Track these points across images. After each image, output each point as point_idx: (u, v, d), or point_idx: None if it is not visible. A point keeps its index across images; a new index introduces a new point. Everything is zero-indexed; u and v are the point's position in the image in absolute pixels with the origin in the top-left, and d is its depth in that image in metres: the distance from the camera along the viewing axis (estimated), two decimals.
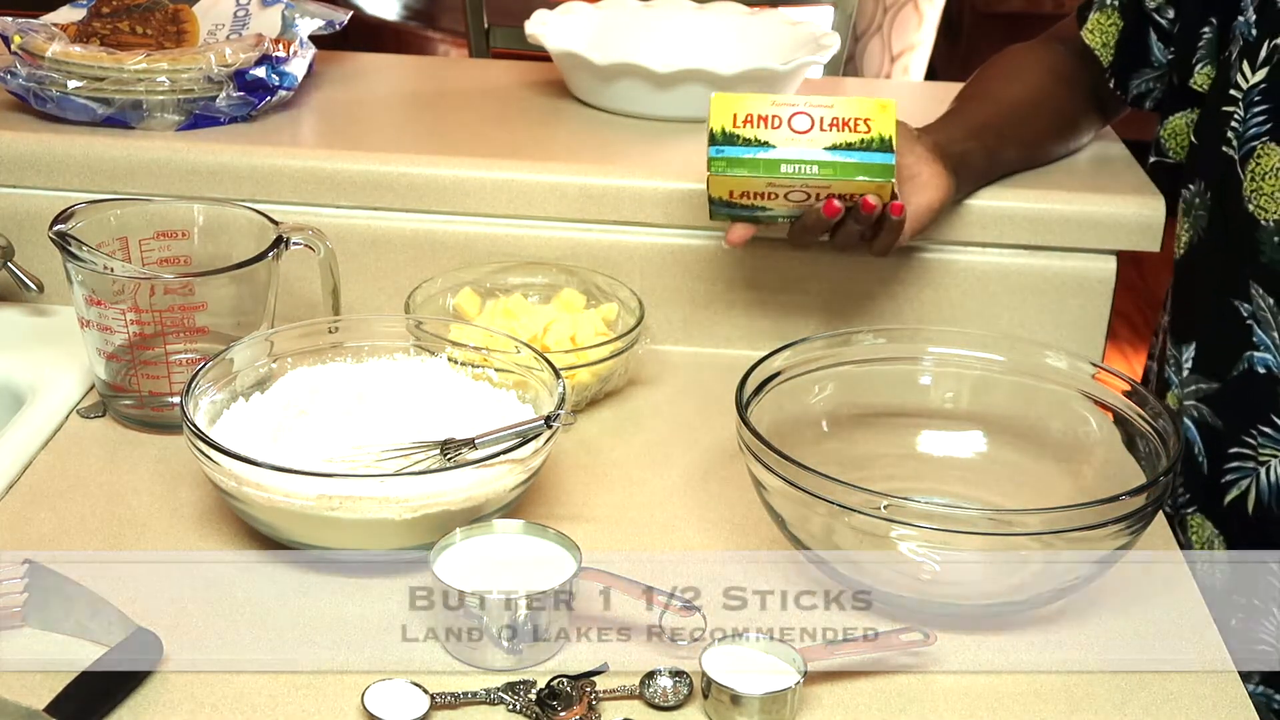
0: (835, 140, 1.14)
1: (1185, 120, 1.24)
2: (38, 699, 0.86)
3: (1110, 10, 1.29)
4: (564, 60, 1.47)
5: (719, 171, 1.15)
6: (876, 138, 1.14)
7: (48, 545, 1.03)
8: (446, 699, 0.89)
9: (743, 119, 1.15)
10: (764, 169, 1.15)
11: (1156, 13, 1.25)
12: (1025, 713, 0.92)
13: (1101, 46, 1.30)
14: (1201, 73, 1.21)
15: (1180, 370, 1.22)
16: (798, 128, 1.15)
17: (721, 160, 1.15)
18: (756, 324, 1.35)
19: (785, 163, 1.15)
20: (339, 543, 1.00)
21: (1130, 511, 0.94)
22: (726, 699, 0.88)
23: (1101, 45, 1.30)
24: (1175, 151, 1.26)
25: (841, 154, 1.14)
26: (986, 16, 4.03)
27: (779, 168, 1.15)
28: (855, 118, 1.14)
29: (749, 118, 1.15)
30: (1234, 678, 0.96)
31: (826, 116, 1.15)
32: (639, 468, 1.17)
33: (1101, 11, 1.30)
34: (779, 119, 1.15)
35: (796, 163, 1.14)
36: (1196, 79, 1.21)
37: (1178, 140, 1.25)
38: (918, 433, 1.15)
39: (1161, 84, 1.28)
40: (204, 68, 1.35)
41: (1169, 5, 1.24)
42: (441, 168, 1.33)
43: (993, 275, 1.32)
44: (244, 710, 0.89)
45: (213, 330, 1.17)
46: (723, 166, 1.15)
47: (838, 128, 1.14)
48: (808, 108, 1.15)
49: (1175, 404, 1.22)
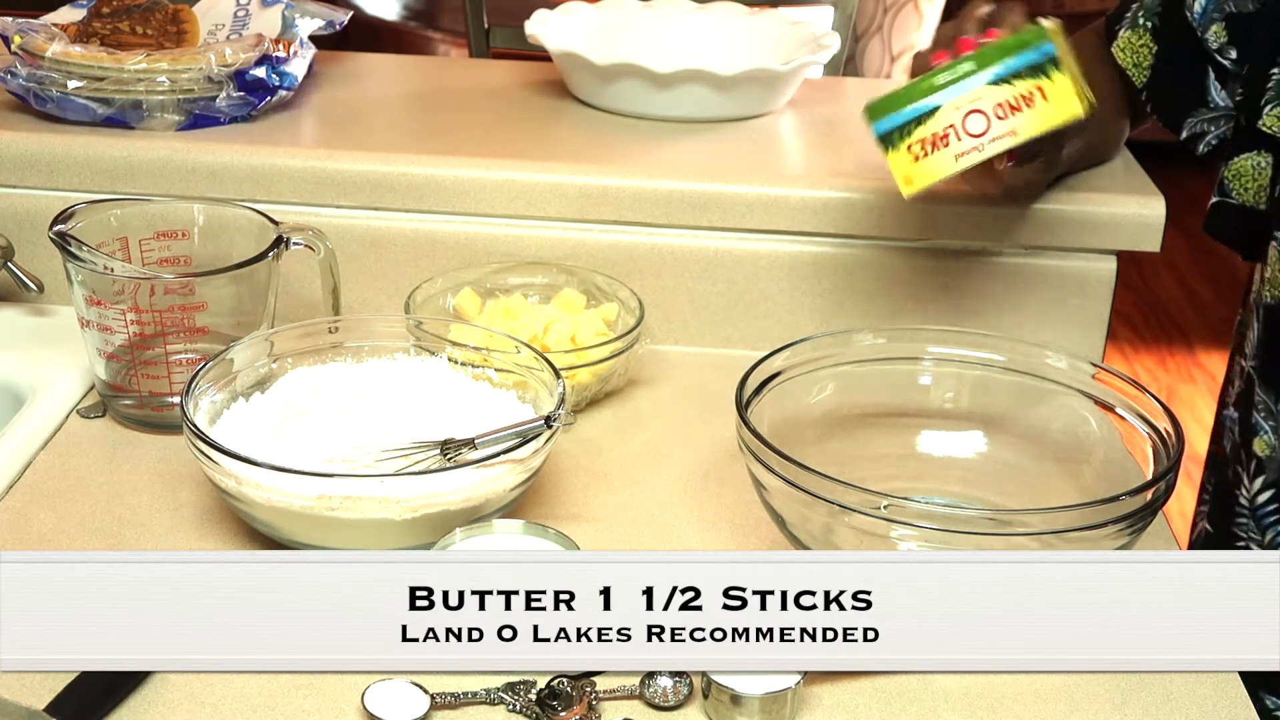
0: (985, 58, 1.03)
1: (1252, 162, 1.20)
2: (38, 699, 0.86)
3: (1143, 31, 1.25)
4: (564, 60, 1.48)
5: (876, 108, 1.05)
6: (1023, 36, 1.03)
7: (48, 545, 1.04)
8: (446, 699, 0.89)
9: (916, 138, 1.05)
10: (920, 91, 1.04)
11: (1219, 54, 1.21)
12: (1025, 713, 0.92)
13: (1133, 67, 1.26)
14: (1271, 114, 1.17)
15: (1274, 416, 1.20)
16: (971, 128, 1.04)
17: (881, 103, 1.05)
18: (756, 324, 1.35)
19: (941, 86, 1.04)
20: (339, 543, 1.00)
21: (1130, 511, 0.94)
22: (726, 699, 0.88)
23: (1133, 65, 1.26)
24: (1239, 192, 1.22)
25: (998, 68, 1.03)
26: None
27: (935, 78, 1.04)
28: (1028, 95, 1.02)
29: (923, 140, 1.05)
30: (1234, 678, 0.96)
31: (1004, 100, 1.03)
32: (639, 468, 1.17)
33: (1134, 31, 1.26)
34: (950, 130, 1.04)
35: (953, 82, 1.03)
36: (1267, 121, 1.17)
37: (1242, 182, 1.21)
38: (918, 433, 1.15)
39: (1220, 126, 1.24)
40: (204, 68, 1.35)
41: (1231, 46, 1.20)
42: (441, 168, 1.33)
43: (993, 275, 1.32)
44: (244, 710, 0.89)
45: (213, 330, 1.17)
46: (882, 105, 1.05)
47: (1010, 107, 1.03)
48: (985, 109, 1.03)
49: (1265, 451, 1.21)
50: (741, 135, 1.44)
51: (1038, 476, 1.11)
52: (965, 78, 1.04)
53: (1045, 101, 1.03)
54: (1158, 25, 1.25)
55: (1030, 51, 1.03)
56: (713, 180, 1.32)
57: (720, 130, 1.45)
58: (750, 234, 1.33)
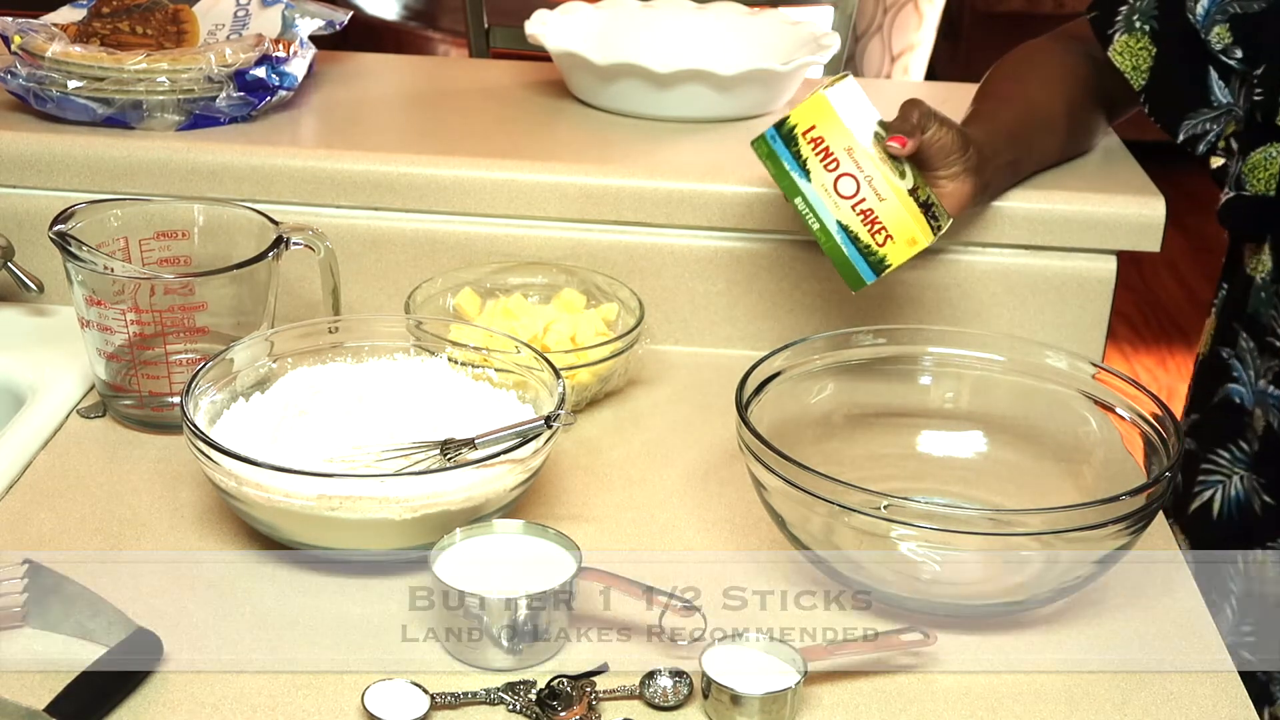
0: (850, 224, 1.13)
1: (1265, 154, 1.21)
2: (38, 699, 0.86)
3: (1140, 34, 1.27)
4: (564, 60, 1.48)
5: (756, 151, 1.16)
6: (880, 256, 1.14)
7: (48, 545, 1.04)
8: (446, 699, 0.89)
9: (813, 136, 1.13)
10: (784, 186, 1.15)
11: (1224, 54, 1.23)
12: (1025, 713, 0.92)
13: (1132, 70, 1.28)
14: None
15: None
16: (841, 189, 1.13)
17: (765, 148, 1.15)
18: (756, 324, 1.35)
19: (802, 199, 1.14)
20: (339, 543, 1.00)
21: (1130, 511, 0.94)
22: (726, 699, 0.88)
23: (1132, 69, 1.28)
24: (1253, 185, 1.23)
25: (842, 237, 1.14)
26: (986, 16, 4.04)
27: (794, 197, 1.14)
28: (884, 228, 1.13)
29: (818, 140, 1.13)
30: (1234, 678, 0.96)
31: (868, 203, 1.13)
32: (639, 468, 1.17)
33: (1131, 34, 1.27)
34: (835, 164, 1.13)
35: (810, 208, 1.14)
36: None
37: (1256, 174, 1.22)
38: (918, 433, 1.15)
39: (1220, 125, 1.26)
40: (204, 68, 1.35)
41: (1236, 45, 1.22)
42: (441, 168, 1.33)
43: (993, 275, 1.32)
44: (244, 710, 0.89)
45: (213, 330, 1.17)
46: (762, 152, 1.15)
47: (865, 219, 1.13)
48: (863, 180, 1.12)
49: None
50: (741, 135, 1.43)
51: (1038, 476, 1.11)
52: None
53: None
54: (1156, 28, 1.26)
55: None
56: (713, 180, 1.32)
57: (720, 130, 1.45)
58: (750, 234, 1.33)
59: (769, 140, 1.15)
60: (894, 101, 1.19)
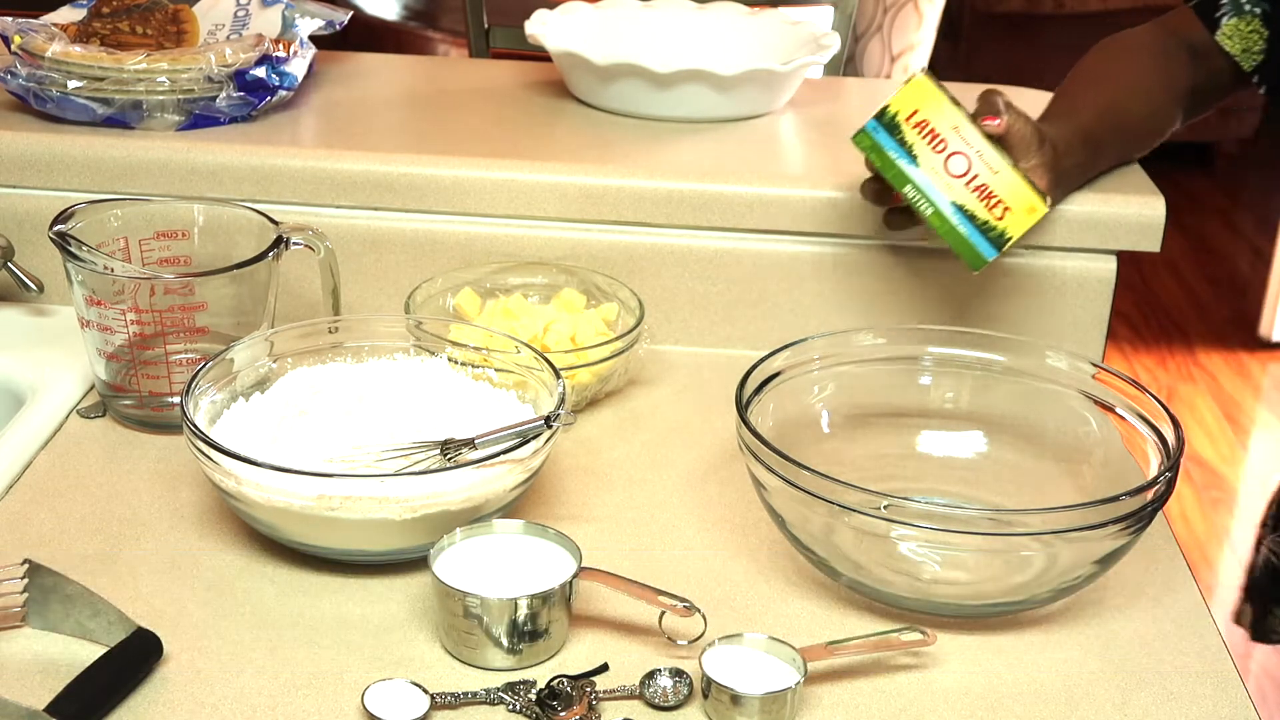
0: (965, 203, 1.14)
1: None
2: (38, 699, 0.86)
3: (1250, 18, 1.30)
4: (564, 60, 1.48)
5: (858, 145, 1.16)
6: (999, 230, 1.14)
7: (48, 545, 1.04)
8: (446, 699, 0.89)
9: (917, 120, 1.14)
10: (892, 176, 1.15)
11: None
12: (1025, 713, 0.92)
13: (1243, 52, 1.31)
14: None
15: None
16: (952, 169, 1.14)
17: (867, 140, 1.16)
18: (756, 324, 1.35)
19: (912, 186, 1.15)
20: (339, 543, 1.00)
21: (1130, 511, 0.94)
22: (726, 699, 0.88)
23: (1242, 51, 1.31)
24: None
25: (958, 217, 1.14)
26: (986, 16, 4.04)
27: (903, 186, 1.15)
28: (1000, 200, 1.14)
29: (923, 123, 1.14)
30: (1234, 678, 0.96)
31: (981, 178, 1.13)
32: (639, 468, 1.17)
33: (1240, 18, 1.30)
34: (943, 145, 1.14)
35: (921, 193, 1.15)
36: None
37: None
38: (918, 433, 1.15)
39: None
40: (204, 68, 1.36)
41: None
42: (441, 168, 1.33)
43: (993, 275, 1.32)
44: (244, 710, 0.89)
45: (213, 330, 1.17)
46: (864, 145, 1.16)
47: (980, 195, 1.14)
48: (974, 156, 1.13)
49: None
50: (741, 135, 1.44)
51: (1038, 476, 1.11)
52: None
53: None
54: (1268, 11, 1.30)
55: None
56: (713, 180, 1.32)
57: (720, 130, 1.45)
58: (750, 234, 1.33)
59: (871, 132, 1.15)
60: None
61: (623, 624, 0.97)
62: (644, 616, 0.96)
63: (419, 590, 1.00)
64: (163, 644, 0.92)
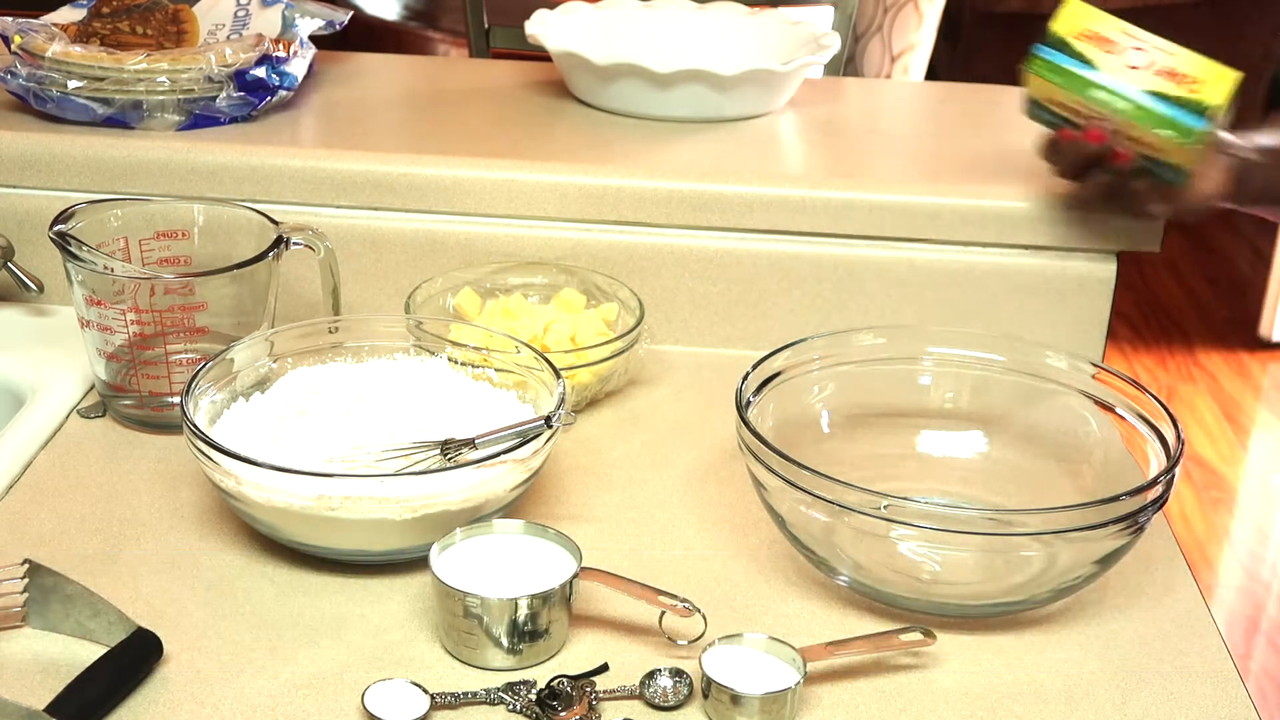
0: (1157, 87, 1.13)
1: None
2: (38, 699, 0.86)
3: None
4: (564, 60, 1.48)
5: (1036, 72, 1.16)
6: (1198, 100, 1.13)
7: (48, 545, 1.04)
8: (446, 699, 0.89)
9: (1086, 34, 1.14)
10: (1075, 87, 1.14)
11: None
12: (1025, 713, 0.92)
13: None
14: None
15: None
16: (1133, 62, 1.13)
17: (1041, 61, 1.15)
18: (756, 324, 1.35)
19: (1098, 88, 1.14)
20: (339, 543, 1.00)
21: (1130, 511, 0.94)
22: (726, 699, 0.88)
23: None
24: None
25: (1154, 101, 1.13)
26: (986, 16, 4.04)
27: (1089, 89, 1.14)
28: (1187, 75, 1.13)
29: (1092, 35, 1.14)
30: (1234, 678, 0.96)
31: (1162, 61, 1.13)
32: (639, 468, 1.17)
33: None
34: (1117, 47, 1.14)
35: (1108, 92, 1.14)
36: None
37: None
38: (918, 433, 1.15)
39: None
40: (204, 68, 1.36)
41: None
42: (441, 168, 1.33)
43: (993, 275, 1.32)
44: (244, 710, 0.89)
45: (213, 330, 1.17)
46: (1040, 68, 1.15)
47: (1169, 76, 1.13)
48: (1150, 48, 1.14)
49: None
50: (741, 135, 1.44)
51: (1038, 476, 1.11)
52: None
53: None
54: None
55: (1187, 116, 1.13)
56: (713, 180, 1.32)
57: (720, 130, 1.45)
58: (750, 234, 1.33)
59: (1043, 54, 1.15)
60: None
61: (623, 624, 0.97)
62: (644, 616, 0.96)
63: (419, 590, 1.00)
64: (163, 644, 0.92)
